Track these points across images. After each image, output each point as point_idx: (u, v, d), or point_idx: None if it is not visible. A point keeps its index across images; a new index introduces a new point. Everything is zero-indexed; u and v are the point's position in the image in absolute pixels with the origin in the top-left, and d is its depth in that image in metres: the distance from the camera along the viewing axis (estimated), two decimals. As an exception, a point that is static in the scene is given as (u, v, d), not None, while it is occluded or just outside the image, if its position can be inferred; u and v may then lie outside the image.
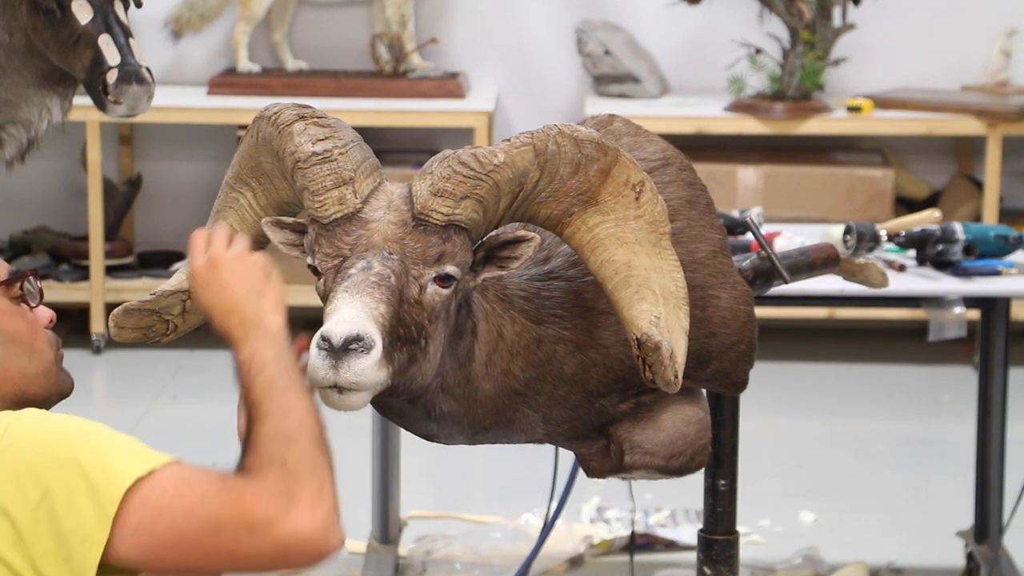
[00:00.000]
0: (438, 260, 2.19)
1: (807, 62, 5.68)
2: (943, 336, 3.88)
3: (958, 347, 5.68)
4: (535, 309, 2.38)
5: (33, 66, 3.86)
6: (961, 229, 3.67)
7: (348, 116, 2.65)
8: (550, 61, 6.19)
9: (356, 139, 2.26)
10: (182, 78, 6.12)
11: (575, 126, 2.28)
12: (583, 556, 4.24)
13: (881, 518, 4.54)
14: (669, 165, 2.56)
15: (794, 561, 4.20)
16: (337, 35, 6.18)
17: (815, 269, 2.89)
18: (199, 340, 2.97)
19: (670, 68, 6.10)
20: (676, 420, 2.53)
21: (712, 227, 2.56)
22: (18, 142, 3.98)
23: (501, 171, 2.21)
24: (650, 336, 2.21)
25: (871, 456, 5.11)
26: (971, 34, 6.07)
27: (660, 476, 2.57)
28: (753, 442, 3.36)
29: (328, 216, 2.20)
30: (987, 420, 3.95)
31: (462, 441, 2.45)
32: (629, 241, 2.26)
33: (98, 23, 3.73)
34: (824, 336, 6.07)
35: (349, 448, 4.68)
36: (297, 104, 2.29)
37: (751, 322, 2.57)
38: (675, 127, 5.68)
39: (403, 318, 2.16)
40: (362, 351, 2.09)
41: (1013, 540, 4.04)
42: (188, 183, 6.17)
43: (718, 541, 2.82)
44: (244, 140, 2.36)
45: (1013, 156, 5.98)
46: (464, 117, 5.79)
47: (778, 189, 5.81)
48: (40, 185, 6.15)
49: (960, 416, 5.15)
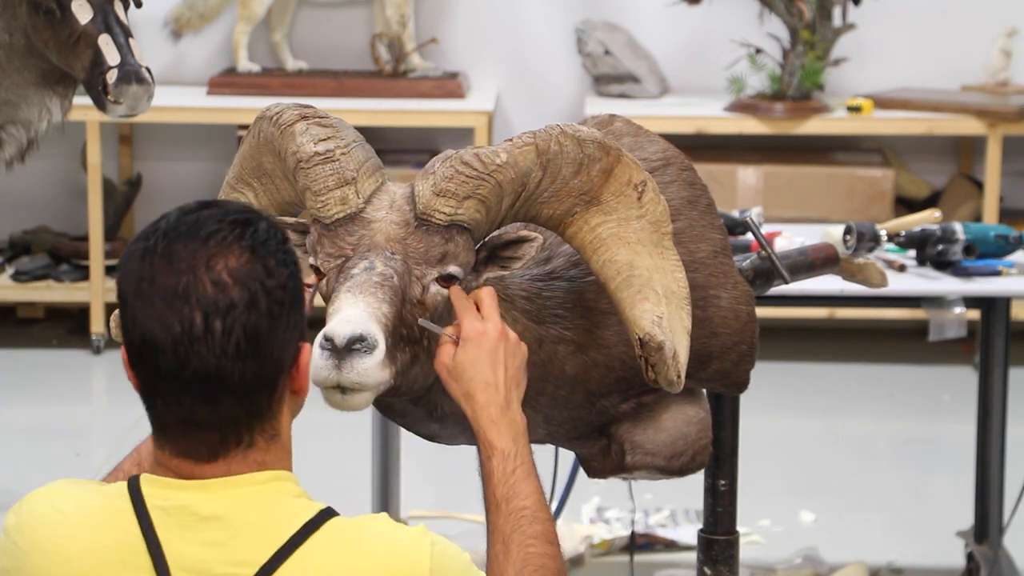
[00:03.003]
0: (441, 260, 2.19)
1: (807, 62, 5.69)
2: (943, 336, 3.88)
3: (958, 347, 5.68)
4: (537, 309, 2.39)
5: (33, 66, 3.86)
6: (961, 229, 3.67)
7: (348, 116, 2.64)
8: (550, 61, 6.19)
9: (358, 139, 2.26)
10: (182, 78, 6.12)
11: (577, 126, 2.28)
12: (583, 556, 4.25)
13: (881, 518, 4.54)
14: (670, 165, 2.56)
15: (794, 561, 4.20)
16: (337, 35, 6.18)
17: (815, 269, 2.89)
18: (200, 340, 2.98)
19: (670, 68, 6.11)
20: (677, 420, 2.53)
21: (713, 227, 2.57)
22: (18, 142, 3.98)
23: (504, 171, 2.21)
24: (653, 336, 2.21)
25: (871, 456, 5.11)
26: (971, 34, 6.07)
27: (661, 476, 2.57)
28: (753, 442, 3.36)
29: (330, 216, 2.20)
30: (987, 420, 3.95)
31: (464, 441, 2.45)
32: (631, 241, 2.27)
33: (98, 23, 3.73)
34: (824, 336, 6.07)
35: (349, 448, 4.69)
36: (299, 104, 2.29)
37: (752, 322, 2.58)
38: (675, 127, 5.68)
39: (406, 318, 2.16)
40: (365, 351, 2.09)
41: (1013, 540, 4.04)
42: (188, 183, 6.17)
43: (718, 541, 2.82)
44: (245, 140, 2.36)
45: (1013, 156, 5.98)
46: (464, 117, 5.79)
47: (778, 189, 5.81)
48: (40, 185, 6.15)
49: (960, 416, 5.15)
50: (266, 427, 1.95)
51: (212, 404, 1.90)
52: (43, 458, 4.91)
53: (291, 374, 1.95)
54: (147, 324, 1.89)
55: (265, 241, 1.92)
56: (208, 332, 1.87)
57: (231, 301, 1.88)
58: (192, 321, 1.87)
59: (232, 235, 1.91)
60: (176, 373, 1.89)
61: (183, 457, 1.93)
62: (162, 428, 1.95)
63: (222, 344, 1.88)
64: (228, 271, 1.88)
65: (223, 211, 1.94)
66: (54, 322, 6.18)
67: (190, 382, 1.89)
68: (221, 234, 1.90)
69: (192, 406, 1.90)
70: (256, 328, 1.89)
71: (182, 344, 1.88)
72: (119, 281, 1.95)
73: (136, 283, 1.90)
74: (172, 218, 1.93)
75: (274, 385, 1.93)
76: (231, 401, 1.90)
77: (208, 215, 1.92)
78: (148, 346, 1.90)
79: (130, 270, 1.92)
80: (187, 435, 1.92)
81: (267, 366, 1.91)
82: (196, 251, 1.89)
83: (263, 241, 1.92)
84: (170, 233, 1.91)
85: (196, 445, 1.92)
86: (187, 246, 1.89)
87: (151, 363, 1.91)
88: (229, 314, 1.87)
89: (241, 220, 1.93)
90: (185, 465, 1.93)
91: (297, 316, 1.95)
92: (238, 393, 1.90)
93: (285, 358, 1.93)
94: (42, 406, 5.43)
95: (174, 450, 1.94)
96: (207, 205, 1.95)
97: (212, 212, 1.93)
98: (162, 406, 1.93)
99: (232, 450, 1.93)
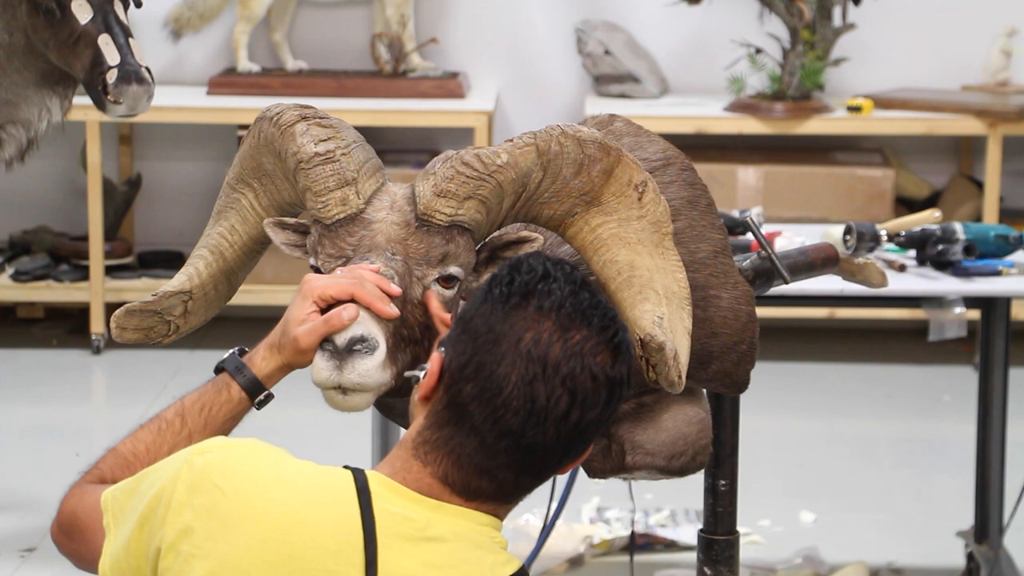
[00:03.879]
0: (441, 261, 2.19)
1: (807, 62, 5.69)
2: (943, 336, 3.88)
3: (958, 347, 5.68)
4: (537, 309, 2.38)
5: (33, 66, 3.86)
6: (961, 229, 3.67)
7: (348, 116, 2.65)
8: (550, 61, 6.19)
9: (358, 140, 2.26)
10: (182, 78, 6.12)
11: (578, 126, 2.28)
12: (583, 556, 4.25)
13: (881, 518, 4.54)
14: (670, 165, 2.56)
15: (794, 561, 4.20)
16: (337, 35, 6.18)
17: (815, 269, 2.89)
18: (199, 340, 2.98)
19: (670, 68, 6.11)
20: (677, 420, 2.53)
21: (713, 227, 2.57)
22: (18, 142, 3.98)
23: (504, 171, 2.21)
24: (654, 337, 2.21)
25: (871, 456, 5.12)
26: (971, 34, 6.07)
27: (661, 476, 2.57)
28: (753, 442, 3.36)
29: (331, 217, 2.20)
30: (987, 420, 3.95)
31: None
32: (632, 241, 2.27)
33: (98, 23, 3.73)
34: (824, 336, 6.07)
35: (349, 448, 4.69)
36: (299, 104, 2.29)
37: (752, 322, 2.58)
38: (675, 127, 5.68)
39: (407, 319, 2.16)
40: (366, 352, 2.09)
41: (1013, 540, 4.04)
42: (188, 183, 6.17)
43: (718, 541, 2.82)
44: (246, 140, 2.36)
45: (1013, 156, 5.98)
46: (464, 117, 5.79)
47: (778, 189, 5.81)
48: (40, 185, 6.15)
49: (960, 416, 5.15)
50: (521, 498, 1.98)
51: (517, 471, 1.92)
52: (43, 458, 4.91)
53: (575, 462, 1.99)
54: (512, 378, 1.89)
55: (627, 347, 1.95)
56: (565, 418, 1.89)
57: (597, 400, 1.90)
58: (559, 401, 1.89)
59: (616, 336, 1.93)
60: (515, 435, 1.89)
61: (448, 486, 1.93)
62: (452, 454, 1.93)
63: (568, 432, 1.90)
64: (605, 371, 1.91)
65: (605, 301, 1.95)
66: (54, 322, 6.18)
67: (522, 449, 1.90)
68: (612, 330, 1.92)
69: (505, 467, 1.91)
70: (597, 426, 1.93)
71: (537, 416, 1.88)
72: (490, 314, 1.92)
73: (520, 333, 1.90)
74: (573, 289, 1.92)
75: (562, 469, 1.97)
76: (531, 476, 1.94)
77: (600, 302, 1.93)
78: (502, 398, 1.89)
79: (519, 317, 1.91)
80: (475, 480, 1.93)
81: (578, 459, 1.96)
82: (589, 338, 1.90)
83: (626, 347, 1.95)
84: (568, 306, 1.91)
85: (473, 490, 1.93)
86: (584, 330, 1.91)
87: (495, 413, 1.89)
88: (590, 411, 1.90)
89: (618, 319, 1.95)
90: (437, 486, 1.93)
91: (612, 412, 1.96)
92: (545, 477, 1.95)
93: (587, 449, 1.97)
94: (42, 406, 5.43)
95: (447, 477, 1.93)
96: (591, 290, 1.95)
97: (601, 300, 1.94)
98: (475, 447, 1.91)
99: (491, 503, 1.95)
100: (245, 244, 2.38)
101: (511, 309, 1.92)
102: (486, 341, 1.91)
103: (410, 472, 1.94)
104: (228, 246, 2.38)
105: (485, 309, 1.93)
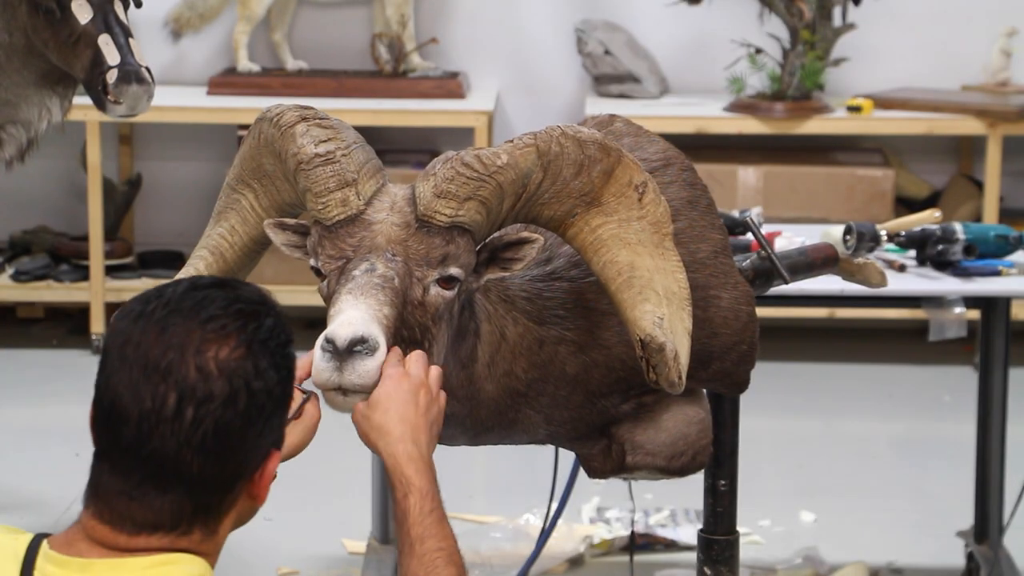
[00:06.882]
0: (442, 262, 2.19)
1: (807, 62, 5.69)
2: (943, 336, 3.88)
3: (958, 347, 5.68)
4: (537, 310, 2.39)
5: (33, 66, 3.86)
6: (961, 229, 3.67)
7: (348, 116, 2.64)
8: (550, 61, 6.19)
9: (359, 140, 2.26)
10: (182, 78, 6.12)
11: (578, 127, 2.28)
12: (583, 556, 4.24)
13: (881, 518, 4.54)
14: (670, 165, 2.56)
15: (794, 561, 4.20)
16: (337, 35, 6.18)
17: (815, 269, 2.90)
18: (200, 340, 2.98)
19: (670, 68, 6.11)
20: (677, 420, 2.53)
21: (713, 227, 2.57)
22: (18, 142, 3.98)
23: (504, 172, 2.21)
24: (654, 337, 2.21)
25: (871, 456, 5.11)
26: (971, 34, 6.07)
27: (661, 476, 2.58)
28: (753, 442, 3.36)
29: (331, 218, 2.20)
30: (987, 420, 3.95)
31: (464, 442, 2.45)
32: (632, 242, 2.27)
33: (98, 23, 3.73)
34: (824, 336, 6.07)
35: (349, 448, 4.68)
36: (299, 105, 2.29)
37: (752, 322, 2.58)
38: (675, 127, 5.68)
39: (407, 320, 2.16)
40: (366, 353, 2.09)
41: (1013, 540, 4.04)
42: (188, 183, 6.17)
43: (718, 541, 2.82)
44: (246, 141, 2.36)
45: (1013, 156, 5.98)
46: (464, 117, 5.79)
47: (778, 189, 5.81)
48: (40, 185, 6.15)
49: (960, 416, 5.15)
50: (208, 524, 1.85)
51: (160, 489, 1.81)
52: (43, 458, 4.91)
53: (253, 479, 1.86)
54: (119, 389, 1.80)
55: (265, 340, 1.83)
56: (178, 417, 1.78)
57: (210, 392, 1.79)
58: (165, 401, 1.78)
59: (233, 325, 1.82)
60: (134, 447, 1.80)
61: (107, 524, 1.83)
62: (98, 490, 1.84)
63: (188, 433, 1.78)
64: (216, 361, 1.80)
65: (233, 296, 1.85)
66: (54, 322, 6.18)
67: (145, 460, 1.79)
68: (222, 321, 1.82)
69: (140, 484, 1.81)
70: (228, 426, 1.80)
71: (147, 420, 1.79)
72: (106, 336, 1.86)
73: (121, 344, 1.81)
74: (180, 289, 1.85)
75: (231, 487, 1.84)
76: (182, 492, 1.81)
77: (216, 296, 1.84)
78: (115, 412, 1.80)
79: (120, 329, 1.83)
80: (121, 506, 1.82)
81: (228, 467, 1.82)
82: (191, 331, 1.80)
83: (263, 339, 1.83)
84: (171, 304, 1.82)
85: (126, 518, 1.82)
86: (184, 323, 1.81)
87: (113, 429, 1.81)
88: (204, 405, 1.78)
89: (248, 311, 1.84)
90: (101, 529, 1.83)
91: (275, 423, 1.86)
92: (191, 486, 1.81)
93: (250, 463, 1.84)
94: (42, 406, 5.43)
95: (100, 514, 1.83)
96: (221, 285, 1.87)
97: (221, 294, 1.84)
98: (108, 473, 1.83)
99: (160, 532, 1.83)
100: (245, 245, 2.38)
101: (118, 324, 1.84)
102: (105, 362, 1.85)
103: (77, 525, 1.86)
104: (228, 247, 2.38)
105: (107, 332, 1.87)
